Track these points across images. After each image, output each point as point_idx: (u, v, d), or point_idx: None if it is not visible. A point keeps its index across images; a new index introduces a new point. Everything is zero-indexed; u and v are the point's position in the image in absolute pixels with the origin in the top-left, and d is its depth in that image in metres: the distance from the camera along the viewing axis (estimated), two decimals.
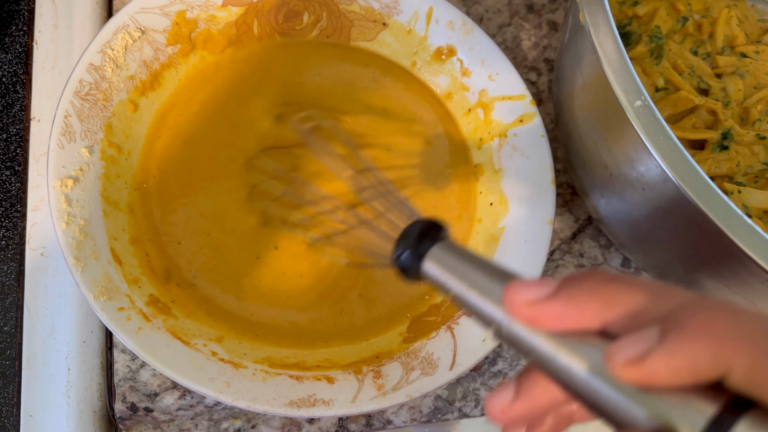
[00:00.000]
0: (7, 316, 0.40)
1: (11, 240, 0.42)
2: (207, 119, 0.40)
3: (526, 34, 0.50)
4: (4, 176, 0.43)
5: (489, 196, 0.40)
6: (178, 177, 0.38)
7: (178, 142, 0.39)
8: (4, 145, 0.44)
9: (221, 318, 0.36)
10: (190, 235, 0.37)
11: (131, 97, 0.37)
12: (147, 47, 0.37)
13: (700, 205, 0.27)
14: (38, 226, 0.42)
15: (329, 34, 0.43)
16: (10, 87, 0.45)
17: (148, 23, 0.37)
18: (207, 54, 0.40)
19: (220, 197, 0.38)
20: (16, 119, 0.45)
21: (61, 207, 0.32)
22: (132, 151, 0.37)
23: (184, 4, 0.38)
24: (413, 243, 0.26)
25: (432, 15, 0.41)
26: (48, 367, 0.39)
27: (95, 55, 0.35)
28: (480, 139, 0.41)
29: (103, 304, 0.31)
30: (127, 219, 0.36)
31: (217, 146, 0.39)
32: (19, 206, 0.43)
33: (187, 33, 0.39)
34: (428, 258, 0.26)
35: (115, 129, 0.36)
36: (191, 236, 0.37)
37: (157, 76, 0.38)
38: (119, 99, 0.36)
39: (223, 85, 0.41)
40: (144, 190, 0.37)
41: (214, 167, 0.39)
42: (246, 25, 0.41)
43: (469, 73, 0.41)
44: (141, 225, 0.36)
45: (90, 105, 0.35)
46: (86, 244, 0.32)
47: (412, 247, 0.26)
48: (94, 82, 0.35)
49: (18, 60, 0.46)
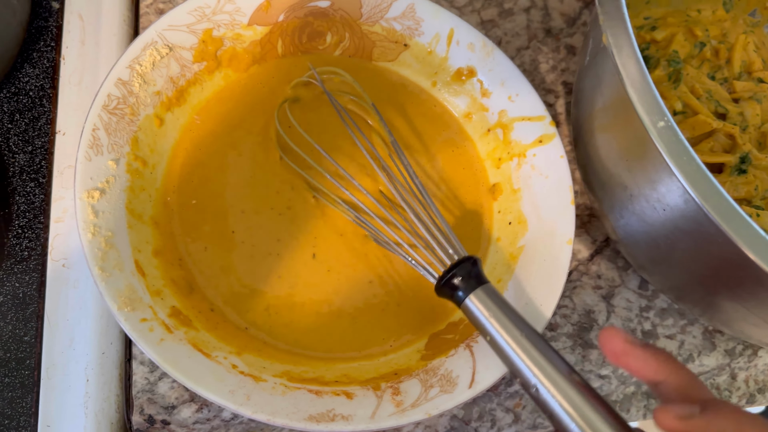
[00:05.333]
0: (27, 326, 0.41)
1: (33, 251, 0.42)
2: (231, 135, 0.40)
3: (544, 57, 0.50)
4: (29, 188, 0.44)
5: (507, 215, 0.40)
6: (200, 191, 0.39)
7: (201, 157, 0.39)
8: (30, 157, 0.45)
9: (239, 333, 0.36)
10: (212, 249, 0.37)
11: (157, 112, 0.38)
12: (174, 64, 0.38)
13: (723, 225, 0.27)
14: (60, 238, 0.42)
15: (351, 54, 0.43)
16: (36, 101, 0.46)
17: (176, 40, 0.38)
18: (232, 72, 0.41)
19: (244, 212, 0.38)
20: (41, 132, 0.45)
21: (88, 218, 0.33)
22: (157, 165, 0.38)
23: (211, 23, 0.39)
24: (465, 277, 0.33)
25: (453, 37, 0.42)
26: (67, 378, 0.39)
27: (124, 71, 0.36)
28: (498, 158, 0.42)
29: (127, 314, 0.31)
30: (151, 231, 0.36)
31: (240, 161, 0.40)
32: (42, 218, 0.43)
33: (213, 51, 0.40)
34: (474, 296, 0.32)
35: (140, 143, 0.37)
36: (213, 250, 0.37)
37: (182, 92, 0.39)
38: (146, 114, 0.37)
39: (246, 101, 0.41)
40: (167, 203, 0.38)
41: (237, 182, 0.39)
42: (270, 44, 0.41)
43: (489, 93, 0.42)
44: (164, 238, 0.37)
45: (117, 119, 0.36)
46: (111, 255, 0.33)
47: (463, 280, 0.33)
48: (122, 96, 0.36)
49: (45, 75, 0.47)
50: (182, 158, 0.39)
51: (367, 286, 0.38)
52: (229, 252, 0.37)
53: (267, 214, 0.38)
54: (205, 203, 0.38)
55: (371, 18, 0.42)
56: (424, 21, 0.42)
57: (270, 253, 0.38)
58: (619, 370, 0.43)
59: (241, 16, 0.40)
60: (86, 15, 0.48)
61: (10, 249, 0.42)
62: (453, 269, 0.33)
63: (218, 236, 0.38)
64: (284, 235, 0.38)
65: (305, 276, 0.37)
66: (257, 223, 0.38)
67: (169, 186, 0.38)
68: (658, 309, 0.44)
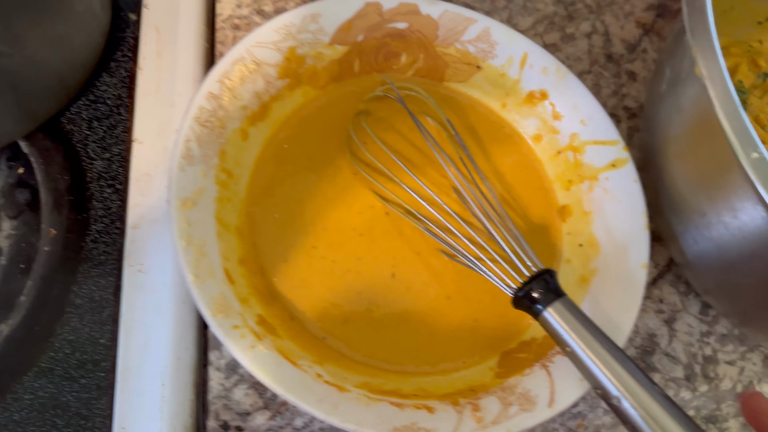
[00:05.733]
0: (103, 329, 0.42)
1: (110, 255, 0.43)
2: (309, 150, 0.41)
3: (606, 82, 0.51)
4: (106, 194, 0.45)
5: (578, 237, 0.41)
6: (282, 205, 0.40)
7: (281, 172, 0.41)
8: (107, 164, 0.46)
9: (318, 343, 0.37)
10: (292, 262, 0.38)
11: (243, 125, 0.39)
12: (260, 79, 0.39)
13: None
14: (137, 244, 0.43)
15: (423, 74, 0.44)
16: (114, 109, 0.48)
17: (263, 57, 0.39)
18: (310, 88, 0.42)
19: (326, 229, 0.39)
20: (118, 140, 0.47)
21: (182, 226, 0.34)
22: (240, 178, 0.39)
23: (296, 41, 0.40)
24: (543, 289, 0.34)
25: (526, 60, 0.43)
26: (142, 381, 0.40)
27: (214, 84, 0.37)
28: (568, 180, 0.42)
29: (220, 321, 0.32)
30: (236, 241, 0.37)
31: (319, 178, 0.41)
32: (119, 223, 0.44)
33: (296, 68, 0.41)
34: (552, 308, 0.33)
35: (227, 155, 0.38)
36: (294, 262, 0.38)
37: (266, 107, 0.40)
38: (233, 127, 0.38)
39: (323, 117, 0.42)
40: (250, 214, 0.39)
41: (317, 198, 0.40)
42: (348, 62, 0.43)
43: (561, 116, 0.43)
44: (247, 247, 0.38)
45: (208, 131, 0.37)
46: (203, 263, 0.34)
47: (542, 292, 0.34)
48: (213, 109, 0.37)
49: (122, 84, 0.48)
50: (264, 172, 0.40)
51: (444, 302, 0.39)
52: (309, 266, 0.38)
53: (348, 234, 0.39)
54: (286, 217, 0.39)
55: (446, 40, 0.43)
56: (498, 44, 0.43)
57: (350, 270, 0.38)
58: (680, 395, 0.43)
59: (323, 36, 0.41)
60: (163, 28, 0.50)
61: (87, 253, 0.43)
62: (531, 281, 0.34)
63: (299, 250, 0.39)
64: (364, 254, 0.39)
65: (384, 293, 0.38)
66: (338, 240, 0.39)
67: (252, 198, 0.39)
68: (718, 335, 0.45)
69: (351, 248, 0.39)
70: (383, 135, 0.42)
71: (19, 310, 0.41)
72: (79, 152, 0.46)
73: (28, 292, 0.42)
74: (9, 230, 0.43)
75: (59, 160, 0.45)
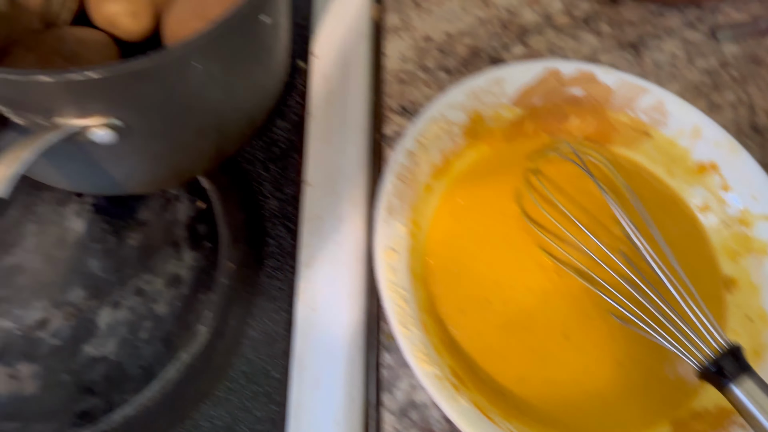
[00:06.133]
0: (276, 363, 0.44)
1: (283, 291, 0.46)
2: (481, 206, 0.43)
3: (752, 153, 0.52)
4: (280, 232, 0.48)
5: (746, 310, 0.41)
6: (457, 257, 0.41)
7: (455, 224, 0.42)
8: (281, 203, 0.49)
9: (497, 398, 0.38)
10: (468, 314, 0.40)
11: (429, 180, 0.41)
12: (447, 138, 0.41)
13: None
14: (309, 283, 0.45)
15: (592, 137, 0.46)
16: (286, 152, 0.51)
17: (452, 117, 0.41)
18: (485, 146, 0.44)
19: (500, 285, 0.41)
20: (290, 181, 0.49)
21: (387, 276, 0.36)
22: (423, 229, 0.41)
23: (480, 103, 0.42)
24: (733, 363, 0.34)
25: (699, 133, 0.44)
26: (315, 419, 0.41)
27: (411, 142, 0.40)
28: (735, 252, 0.43)
29: (425, 370, 0.34)
30: (422, 291, 0.39)
31: (491, 234, 0.42)
32: (291, 261, 0.47)
33: (476, 127, 0.43)
34: (742, 383, 0.34)
35: (416, 208, 0.40)
36: (469, 314, 0.40)
37: (448, 163, 0.42)
38: (423, 182, 0.40)
39: (495, 175, 0.44)
40: (429, 265, 0.41)
41: (490, 254, 0.42)
42: (522, 124, 0.45)
43: (730, 188, 0.43)
44: (429, 297, 0.39)
45: (404, 186, 0.39)
46: (406, 312, 0.36)
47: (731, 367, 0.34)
48: (409, 165, 0.39)
49: (294, 128, 0.51)
50: (441, 224, 0.42)
51: (615, 367, 0.39)
52: (484, 319, 0.40)
53: (519, 290, 0.41)
54: (461, 269, 0.41)
55: (618, 107, 0.45)
56: (670, 115, 0.44)
57: (524, 328, 0.40)
58: None
59: (504, 98, 0.43)
60: (331, 77, 0.53)
61: (262, 287, 0.46)
62: (719, 355, 0.35)
63: (474, 302, 0.40)
64: (536, 312, 0.40)
65: (557, 354, 0.39)
66: (510, 296, 0.40)
67: (429, 249, 0.41)
68: None
69: (523, 305, 0.41)
70: (553, 194, 0.43)
71: (198, 339, 0.43)
72: (255, 191, 0.49)
73: (208, 322, 0.44)
74: (190, 261, 0.46)
75: (237, 197, 0.48)
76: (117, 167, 0.41)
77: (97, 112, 0.34)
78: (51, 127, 0.34)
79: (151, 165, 0.42)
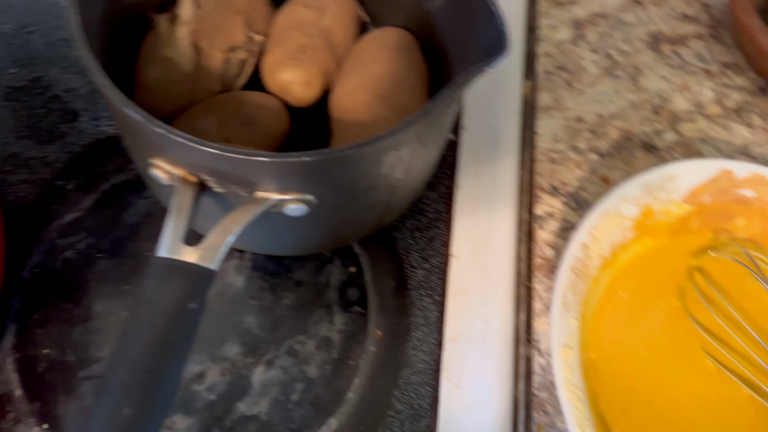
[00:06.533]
0: None
1: (428, 365, 0.46)
2: (642, 301, 0.43)
3: None
4: (426, 303, 0.48)
5: None
6: (617, 354, 0.41)
7: (618, 317, 0.42)
8: (427, 274, 0.49)
9: None
10: (631, 414, 0.39)
11: (597, 273, 0.41)
12: (617, 231, 0.41)
13: None
14: (454, 359, 0.45)
15: (754, 238, 0.45)
16: (433, 222, 0.51)
17: (625, 211, 0.41)
18: (650, 240, 0.44)
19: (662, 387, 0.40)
20: (437, 252, 0.50)
21: (564, 375, 0.35)
22: (586, 323, 0.41)
23: (652, 197, 0.42)
24: None
25: None
26: None
27: (585, 235, 0.40)
28: None
29: None
30: (586, 388, 0.38)
31: (653, 331, 0.42)
32: (436, 334, 0.47)
33: (645, 222, 0.43)
34: None
35: (585, 301, 0.40)
36: (632, 415, 0.39)
37: (615, 256, 0.42)
38: (592, 275, 0.40)
39: (656, 270, 0.44)
40: (590, 359, 0.40)
41: (652, 353, 0.41)
42: (688, 220, 0.44)
43: None
44: (593, 394, 0.39)
45: (577, 279, 0.39)
46: (582, 413, 0.35)
47: None
48: (582, 258, 0.39)
49: (441, 199, 0.52)
50: (602, 318, 0.42)
51: None
52: (648, 422, 0.39)
53: (682, 394, 0.40)
54: (622, 367, 0.40)
55: None
56: None
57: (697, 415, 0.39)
58: None
59: (676, 194, 0.43)
60: (481, 151, 0.54)
61: (407, 359, 0.46)
62: None
63: (637, 403, 0.39)
64: (700, 420, 0.39)
65: None
66: (673, 399, 0.40)
67: (591, 342, 0.41)
68: None
69: (685, 410, 0.40)
70: (716, 295, 0.43)
71: (346, 406, 0.44)
72: (402, 259, 0.49)
73: (356, 389, 0.45)
74: (341, 325, 0.47)
75: (386, 265, 0.49)
76: (290, 233, 0.42)
77: (296, 189, 0.35)
78: (251, 200, 0.36)
79: (321, 233, 0.43)
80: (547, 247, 0.47)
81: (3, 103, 0.54)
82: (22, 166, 0.51)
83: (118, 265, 0.47)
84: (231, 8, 0.47)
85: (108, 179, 0.50)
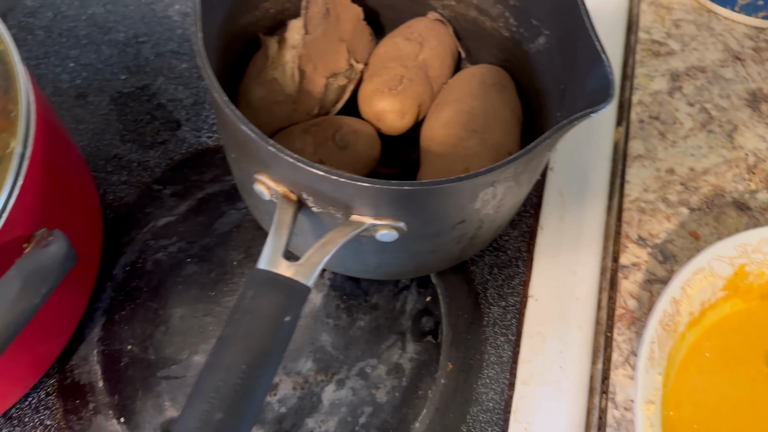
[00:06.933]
0: None
1: (498, 404, 0.45)
2: (728, 363, 0.41)
3: None
4: (499, 341, 0.48)
5: None
6: (699, 416, 0.39)
7: (701, 377, 0.41)
8: (502, 312, 0.49)
9: None
10: None
11: (684, 330, 0.40)
12: (709, 289, 0.40)
13: None
14: (525, 401, 0.45)
15: None
16: (513, 261, 0.51)
17: (718, 269, 0.40)
18: (740, 301, 0.42)
19: None
20: (514, 291, 0.50)
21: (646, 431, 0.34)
22: (669, 380, 0.39)
23: (747, 259, 0.41)
24: None
25: None
26: None
27: (677, 290, 0.39)
28: None
29: None
30: None
31: (738, 395, 0.40)
32: (508, 374, 0.46)
33: (738, 283, 0.41)
34: None
35: (671, 358, 0.39)
36: None
37: (703, 314, 0.41)
38: (680, 331, 0.39)
39: (745, 333, 0.42)
40: (670, 418, 0.39)
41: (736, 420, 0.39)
42: None
43: None
44: None
45: (665, 334, 0.38)
46: None
47: None
48: (671, 314, 0.38)
49: (523, 238, 0.52)
50: (685, 376, 0.40)
51: None
52: None
53: None
54: (702, 429, 0.39)
55: None
56: None
57: None
58: None
59: None
60: (567, 193, 0.53)
61: (477, 396, 0.46)
62: None
63: None
64: None
65: None
66: None
67: (672, 400, 0.39)
68: None
69: None
70: None
71: None
72: (479, 294, 0.49)
73: (423, 420, 0.45)
74: (412, 353, 0.47)
75: (461, 298, 0.49)
76: (374, 257, 0.43)
77: (390, 215, 0.36)
78: (346, 222, 0.37)
79: (405, 261, 0.44)
80: (630, 298, 0.46)
81: (111, 106, 0.57)
82: (123, 168, 0.53)
83: (205, 271, 0.48)
84: (336, 36, 0.49)
85: (203, 188, 0.52)
